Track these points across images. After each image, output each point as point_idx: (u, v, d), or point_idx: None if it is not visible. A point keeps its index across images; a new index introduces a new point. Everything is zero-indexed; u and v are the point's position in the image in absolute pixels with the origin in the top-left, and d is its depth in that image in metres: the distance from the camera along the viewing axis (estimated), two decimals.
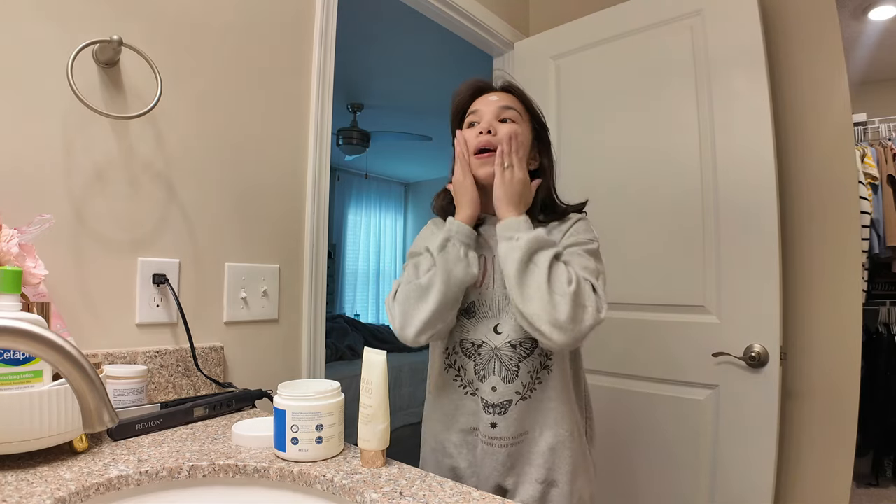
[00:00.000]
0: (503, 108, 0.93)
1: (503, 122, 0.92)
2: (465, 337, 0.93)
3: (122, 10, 0.99)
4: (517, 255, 0.80)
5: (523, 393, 0.89)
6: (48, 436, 0.63)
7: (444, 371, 0.95)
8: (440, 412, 0.96)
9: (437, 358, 0.97)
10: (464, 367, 0.93)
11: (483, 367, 0.90)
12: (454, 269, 0.84)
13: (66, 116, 0.92)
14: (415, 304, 0.85)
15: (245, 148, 1.19)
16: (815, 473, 1.42)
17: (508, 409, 0.88)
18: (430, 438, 0.98)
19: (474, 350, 0.92)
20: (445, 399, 0.95)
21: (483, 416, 0.90)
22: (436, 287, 0.83)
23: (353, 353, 3.69)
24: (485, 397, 0.90)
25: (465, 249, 0.86)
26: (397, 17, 2.60)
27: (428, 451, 0.99)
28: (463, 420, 0.93)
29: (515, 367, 0.88)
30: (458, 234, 0.87)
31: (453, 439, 0.94)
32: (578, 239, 0.89)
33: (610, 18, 1.71)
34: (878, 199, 2.69)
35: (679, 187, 1.52)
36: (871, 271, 2.79)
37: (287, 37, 1.28)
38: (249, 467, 0.67)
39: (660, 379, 1.53)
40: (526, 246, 0.80)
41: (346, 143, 3.91)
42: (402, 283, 0.89)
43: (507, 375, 0.89)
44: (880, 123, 2.94)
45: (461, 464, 0.93)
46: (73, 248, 0.93)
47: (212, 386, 1.08)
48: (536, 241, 0.81)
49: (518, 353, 0.89)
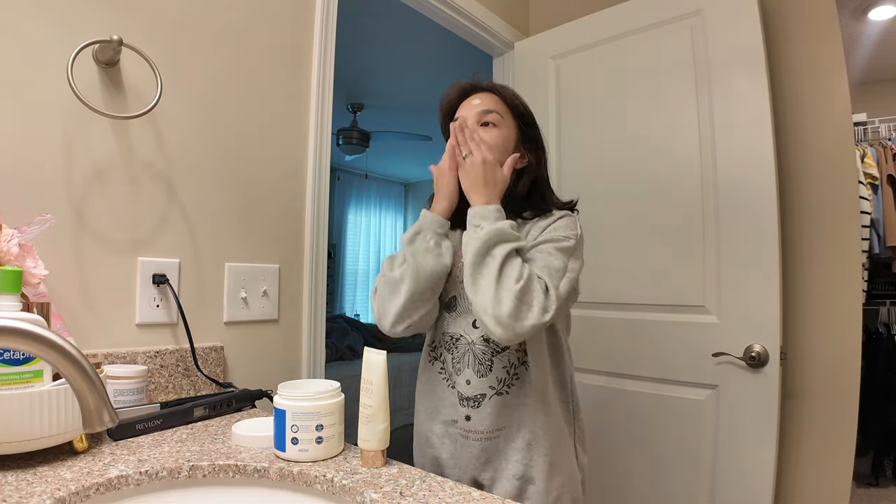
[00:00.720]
0: (483, 112, 0.94)
1: (485, 126, 0.93)
2: (446, 330, 0.95)
3: (122, 10, 0.99)
4: (476, 246, 0.80)
5: (499, 388, 0.89)
6: (48, 436, 0.63)
7: (428, 364, 0.98)
8: (425, 403, 0.98)
9: (424, 351, 1.00)
10: (445, 359, 0.95)
11: (459, 361, 0.92)
12: (423, 261, 0.86)
13: (66, 116, 0.92)
14: (388, 297, 0.88)
15: (245, 148, 1.19)
16: (815, 473, 1.42)
17: (482, 403, 0.89)
18: (418, 428, 1.00)
19: (452, 343, 0.93)
20: (430, 391, 0.97)
21: (459, 409, 0.91)
22: (406, 279, 0.86)
23: (353, 353, 3.69)
24: (460, 390, 0.91)
25: (436, 239, 0.88)
26: (397, 17, 2.60)
27: (416, 441, 1.01)
28: (445, 412, 0.94)
29: (489, 361, 0.89)
30: (431, 225, 0.88)
31: (436, 430, 0.95)
32: (555, 235, 0.87)
33: (610, 18, 1.71)
34: (878, 199, 2.69)
35: (679, 187, 1.52)
36: (871, 271, 2.78)
37: (287, 37, 1.28)
38: (249, 467, 0.67)
39: (660, 379, 1.53)
40: (486, 237, 0.80)
41: (346, 143, 3.91)
42: (379, 276, 0.92)
43: (479, 370, 0.89)
44: (880, 123, 2.94)
45: (443, 454, 0.95)
46: (73, 248, 0.93)
47: (212, 386, 1.08)
48: (497, 234, 0.81)
49: (491, 348, 0.89)
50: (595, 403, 1.62)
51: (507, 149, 0.94)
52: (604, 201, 1.64)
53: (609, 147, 1.67)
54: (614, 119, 1.67)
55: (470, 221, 0.85)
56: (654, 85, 1.59)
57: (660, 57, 1.58)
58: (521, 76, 1.93)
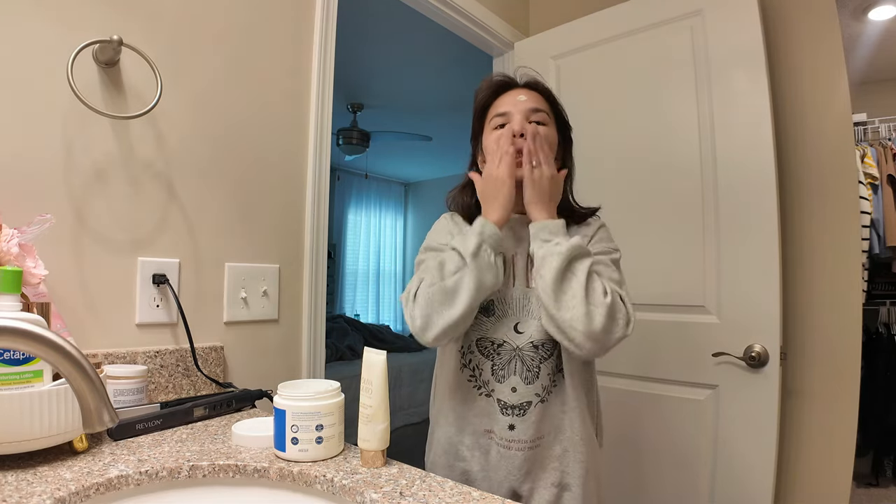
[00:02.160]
0: (532, 110, 0.91)
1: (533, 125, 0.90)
2: (485, 336, 0.90)
3: (122, 10, 0.99)
4: (557, 263, 0.79)
5: (542, 395, 0.88)
6: (48, 436, 0.62)
7: (458, 371, 0.92)
8: (453, 414, 0.93)
9: (451, 358, 0.93)
10: (480, 366, 0.91)
11: (503, 368, 0.89)
12: (485, 277, 0.81)
13: (66, 116, 0.92)
14: (439, 308, 0.81)
15: (245, 148, 1.19)
16: (815, 473, 1.42)
17: (528, 411, 0.87)
18: (443, 440, 0.94)
19: (493, 349, 0.90)
20: (458, 400, 0.92)
21: (500, 418, 0.88)
22: (465, 292, 0.80)
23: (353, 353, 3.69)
24: (503, 398, 0.88)
25: (495, 254, 0.83)
26: (397, 17, 2.60)
27: (439, 453, 0.95)
28: (476, 422, 0.91)
29: (537, 367, 0.87)
30: (491, 238, 0.83)
31: (466, 442, 0.92)
32: (605, 247, 0.90)
33: (610, 18, 1.71)
34: (878, 199, 2.69)
35: (679, 187, 1.52)
36: (871, 271, 2.78)
37: (287, 37, 1.28)
38: (249, 467, 0.67)
39: (660, 379, 1.53)
40: (567, 252, 0.80)
41: (346, 143, 3.91)
42: (424, 282, 0.84)
43: (527, 376, 0.87)
44: (880, 123, 2.94)
45: (473, 467, 0.91)
46: (73, 248, 0.93)
47: (212, 386, 1.08)
48: (576, 249, 0.81)
49: (540, 354, 0.88)
50: None
51: (553, 149, 0.93)
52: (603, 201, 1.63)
53: (609, 147, 1.67)
54: (614, 119, 1.67)
55: (538, 235, 0.84)
56: (655, 85, 1.59)
57: (660, 57, 1.58)
58: None
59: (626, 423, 1.58)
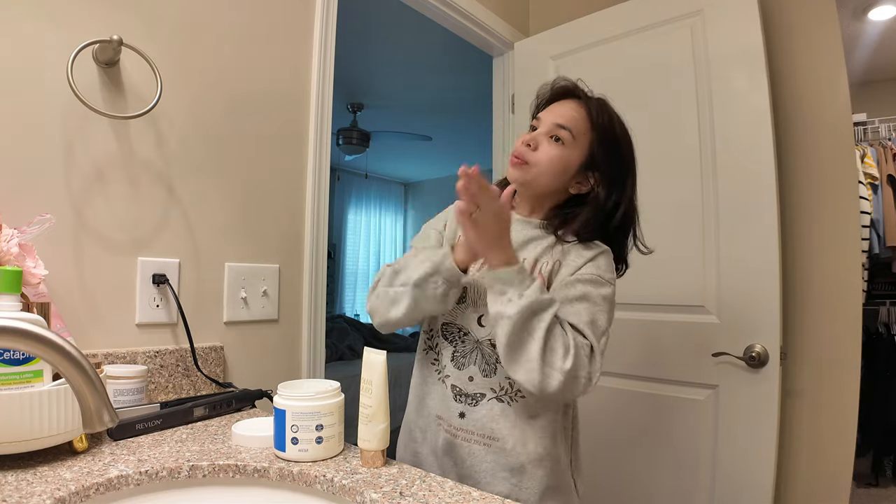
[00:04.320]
0: (558, 126, 0.87)
1: (553, 140, 0.87)
2: (452, 321, 0.90)
3: (122, 10, 0.99)
4: (508, 328, 0.73)
5: (499, 393, 0.85)
6: (48, 436, 0.63)
7: (424, 353, 0.94)
8: (414, 394, 0.95)
9: (421, 339, 0.96)
10: (442, 351, 0.90)
11: (465, 356, 0.88)
12: (426, 304, 0.82)
13: (66, 116, 0.92)
14: (386, 306, 0.86)
15: (245, 148, 1.19)
16: (815, 473, 1.42)
17: (480, 403, 0.85)
18: (406, 420, 0.97)
19: (458, 337, 0.89)
20: (419, 381, 0.94)
21: (452, 405, 0.87)
22: (403, 307, 0.83)
23: (353, 353, 3.69)
24: (459, 385, 0.87)
25: (445, 289, 0.81)
26: (397, 17, 2.60)
27: (403, 431, 0.97)
28: (431, 405, 0.90)
29: (494, 363, 0.86)
30: (447, 273, 0.80)
31: (420, 423, 0.92)
32: (598, 277, 0.83)
33: (610, 18, 1.71)
34: (878, 199, 2.69)
35: (679, 187, 1.52)
36: (871, 271, 2.78)
37: (287, 37, 1.28)
38: (249, 467, 0.67)
39: (660, 379, 1.53)
40: (520, 314, 0.73)
41: (346, 143, 3.91)
42: (380, 281, 0.88)
43: (486, 370, 0.86)
44: (880, 123, 2.93)
45: (424, 450, 0.91)
46: (73, 248, 0.93)
47: (212, 386, 1.08)
48: (533, 305, 0.73)
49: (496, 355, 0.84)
50: (595, 404, 1.62)
51: (564, 171, 0.88)
52: None
53: None
54: None
55: (491, 286, 0.76)
56: (654, 85, 1.59)
57: (660, 57, 1.58)
58: (521, 76, 1.93)
59: (626, 423, 1.58)
